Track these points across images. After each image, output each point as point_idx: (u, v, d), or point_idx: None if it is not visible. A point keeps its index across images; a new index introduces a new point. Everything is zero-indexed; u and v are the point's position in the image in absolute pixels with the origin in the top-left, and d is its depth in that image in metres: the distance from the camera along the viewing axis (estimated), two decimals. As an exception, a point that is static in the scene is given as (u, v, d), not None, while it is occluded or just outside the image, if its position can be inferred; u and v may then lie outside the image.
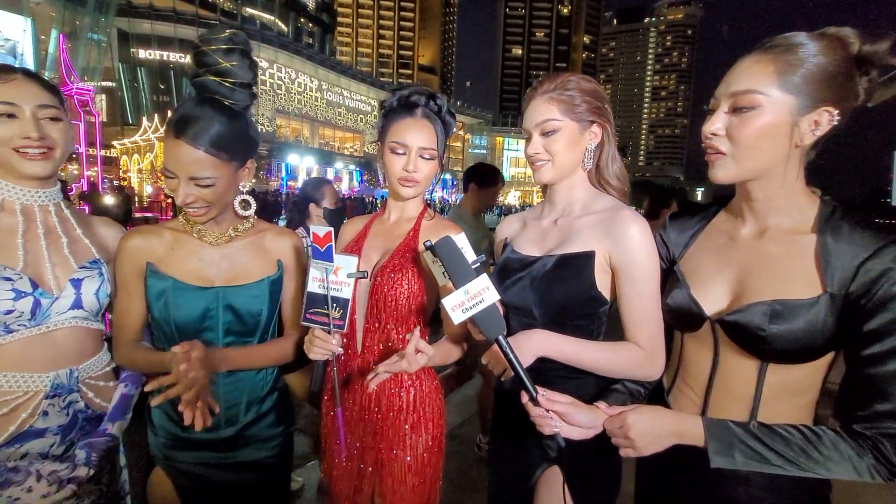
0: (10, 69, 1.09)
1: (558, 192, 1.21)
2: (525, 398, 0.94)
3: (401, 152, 1.24)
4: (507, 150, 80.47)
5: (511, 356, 0.91)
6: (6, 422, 1.06)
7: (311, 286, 1.11)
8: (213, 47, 1.14)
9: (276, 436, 1.32)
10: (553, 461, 1.15)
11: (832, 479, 0.87)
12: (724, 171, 0.92)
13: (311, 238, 1.07)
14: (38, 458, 1.08)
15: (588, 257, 1.08)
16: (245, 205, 1.25)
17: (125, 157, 26.70)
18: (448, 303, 0.92)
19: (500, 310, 0.98)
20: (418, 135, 1.24)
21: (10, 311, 1.05)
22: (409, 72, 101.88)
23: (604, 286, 1.09)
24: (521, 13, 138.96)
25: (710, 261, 1.01)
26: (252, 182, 1.29)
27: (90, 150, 13.42)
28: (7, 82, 1.06)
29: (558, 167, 1.15)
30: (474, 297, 0.91)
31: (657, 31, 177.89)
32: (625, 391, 1.10)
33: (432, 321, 1.30)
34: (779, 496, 0.91)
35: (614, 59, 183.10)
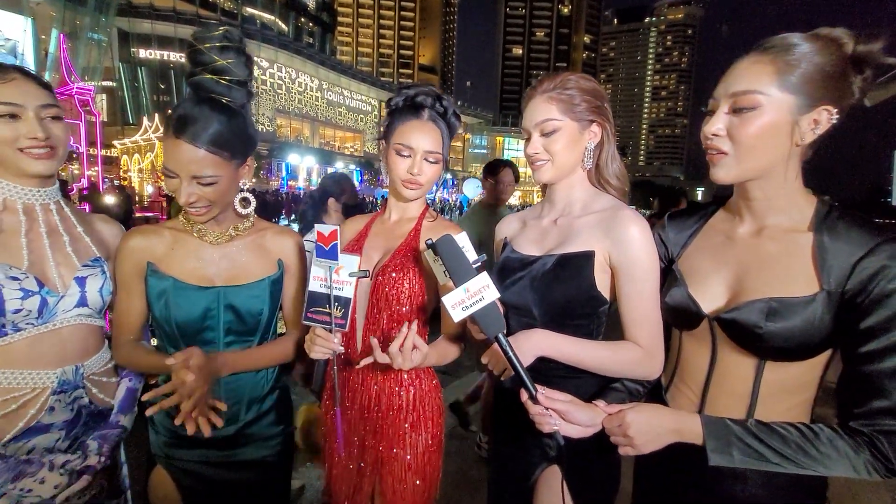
0: (7, 68, 1.09)
1: (558, 192, 1.21)
2: (524, 396, 0.94)
3: (406, 154, 1.24)
4: (508, 149, 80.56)
5: (510, 354, 0.92)
6: (15, 417, 1.08)
7: (313, 285, 1.11)
8: (207, 45, 1.14)
9: (276, 434, 1.33)
10: (552, 460, 1.16)
11: (830, 476, 0.88)
12: (725, 171, 0.92)
13: (316, 236, 1.07)
14: (44, 453, 1.10)
15: (588, 257, 1.09)
16: (245, 202, 1.25)
17: (125, 157, 26.68)
18: (448, 301, 0.92)
19: (501, 308, 0.98)
20: (424, 138, 1.24)
21: (18, 310, 1.06)
22: (410, 71, 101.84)
23: (603, 286, 1.09)
24: (521, 13, 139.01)
25: (707, 260, 1.01)
26: (252, 181, 1.30)
27: (91, 149, 13.40)
28: (7, 82, 1.06)
29: (558, 167, 1.15)
30: (474, 296, 0.91)
31: (657, 31, 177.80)
32: (623, 390, 1.10)
33: (431, 320, 1.30)
34: (776, 494, 0.92)
35: (614, 59, 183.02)
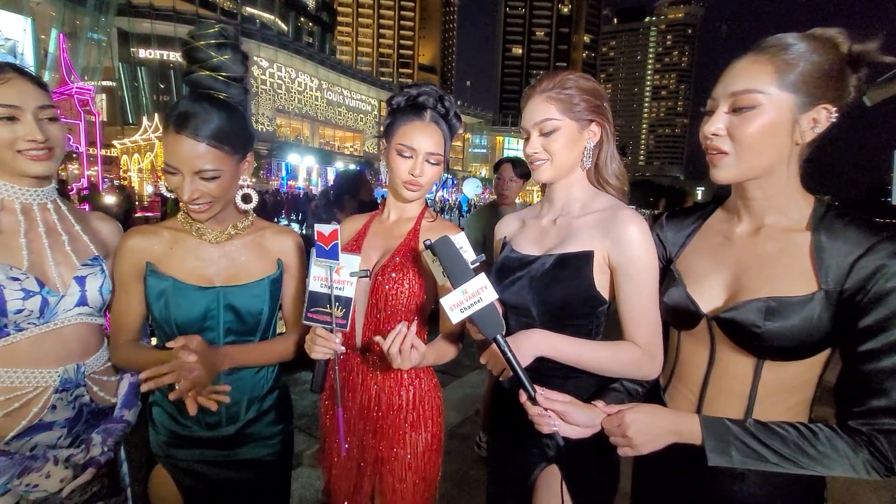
0: (3, 67, 1.07)
1: (557, 191, 1.21)
2: (523, 397, 0.94)
3: (408, 155, 1.24)
4: (508, 149, 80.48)
5: (509, 355, 0.92)
6: (18, 416, 1.09)
7: (313, 285, 1.11)
8: (203, 42, 1.14)
9: (276, 434, 1.33)
10: (552, 460, 1.16)
11: (828, 475, 0.88)
12: (726, 171, 0.92)
13: (316, 236, 1.07)
14: (47, 450, 1.10)
15: (587, 257, 1.08)
16: (247, 198, 1.25)
17: (125, 157, 26.63)
18: (446, 302, 0.92)
19: (499, 309, 0.98)
20: (426, 140, 1.24)
21: (20, 311, 1.06)
22: (409, 71, 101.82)
23: (602, 286, 1.09)
24: (521, 12, 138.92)
25: (706, 259, 1.01)
26: (252, 181, 1.29)
27: (90, 149, 13.39)
28: (4, 83, 1.05)
29: (557, 166, 1.15)
30: (472, 297, 0.91)
31: (657, 31, 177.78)
32: (622, 390, 1.10)
33: (429, 320, 1.30)
34: (775, 493, 0.92)
35: (615, 59, 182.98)
